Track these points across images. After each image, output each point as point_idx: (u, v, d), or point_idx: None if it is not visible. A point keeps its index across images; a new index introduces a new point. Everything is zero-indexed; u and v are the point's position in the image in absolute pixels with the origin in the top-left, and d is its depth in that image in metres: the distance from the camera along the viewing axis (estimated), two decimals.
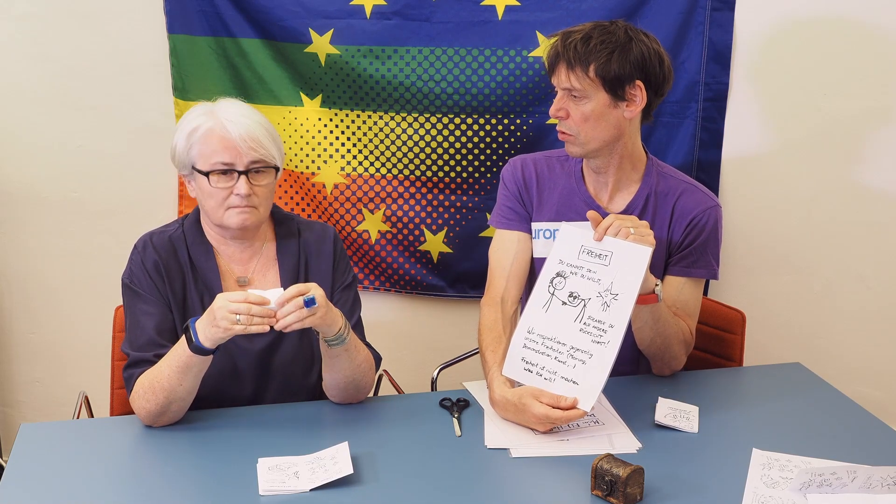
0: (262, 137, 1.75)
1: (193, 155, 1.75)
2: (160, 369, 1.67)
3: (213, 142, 1.73)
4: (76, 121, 2.66)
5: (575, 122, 1.87)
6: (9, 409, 2.94)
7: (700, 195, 2.00)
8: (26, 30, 2.58)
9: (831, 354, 2.76)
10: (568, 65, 1.83)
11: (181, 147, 1.77)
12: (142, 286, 1.78)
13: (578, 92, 1.84)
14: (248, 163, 1.74)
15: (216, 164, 1.73)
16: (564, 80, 1.85)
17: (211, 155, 1.73)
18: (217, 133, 1.73)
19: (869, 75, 2.54)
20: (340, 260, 1.92)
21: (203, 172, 1.74)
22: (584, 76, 1.83)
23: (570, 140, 1.90)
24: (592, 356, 1.69)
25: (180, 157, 1.78)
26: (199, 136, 1.74)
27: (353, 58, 2.55)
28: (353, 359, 1.76)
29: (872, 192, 2.64)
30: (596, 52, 1.81)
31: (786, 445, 1.66)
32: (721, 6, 2.48)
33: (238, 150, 1.73)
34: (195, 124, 1.75)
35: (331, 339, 1.69)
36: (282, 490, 1.50)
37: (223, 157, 1.73)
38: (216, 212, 1.77)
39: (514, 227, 2.04)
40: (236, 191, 1.74)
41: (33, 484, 1.54)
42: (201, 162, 1.74)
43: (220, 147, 1.73)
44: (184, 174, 1.81)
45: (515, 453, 1.64)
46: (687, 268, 1.98)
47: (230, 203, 1.75)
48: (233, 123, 1.74)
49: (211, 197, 1.75)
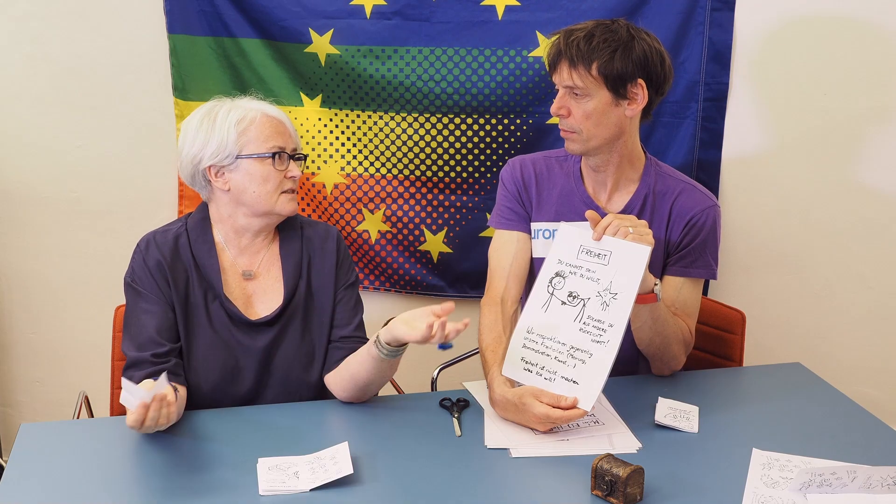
0: (294, 128, 1.88)
1: (245, 140, 1.78)
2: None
3: (267, 127, 1.79)
4: (76, 121, 2.66)
5: (576, 119, 1.87)
6: (9, 409, 2.94)
7: (698, 195, 2.00)
8: (26, 30, 2.58)
9: (831, 354, 2.76)
10: (570, 63, 1.84)
11: (229, 136, 1.77)
12: (143, 285, 1.79)
13: (580, 90, 1.85)
14: (293, 148, 1.84)
15: (274, 147, 1.79)
16: (566, 77, 1.85)
17: (267, 139, 1.78)
18: (270, 118, 1.81)
19: (869, 75, 2.54)
20: (344, 259, 1.93)
21: (264, 155, 1.77)
22: (586, 74, 1.83)
23: (572, 138, 1.91)
24: (592, 356, 1.69)
25: (227, 146, 1.76)
26: (252, 122, 1.78)
27: (353, 58, 2.55)
28: (394, 366, 1.81)
29: (872, 192, 2.64)
30: (599, 51, 1.82)
31: (786, 445, 1.66)
32: (721, 6, 2.48)
33: (290, 136, 1.84)
34: (243, 113, 1.79)
35: (394, 351, 1.74)
36: (282, 490, 1.50)
37: (279, 141, 1.80)
38: (270, 197, 1.80)
39: (514, 228, 2.04)
40: (290, 173, 1.81)
41: (33, 484, 1.54)
42: (255, 146, 1.78)
43: (276, 131, 1.80)
44: (222, 164, 1.77)
45: (515, 453, 1.64)
46: (685, 268, 1.98)
47: (283, 187, 1.81)
48: (278, 113, 1.83)
49: (266, 181, 1.79)
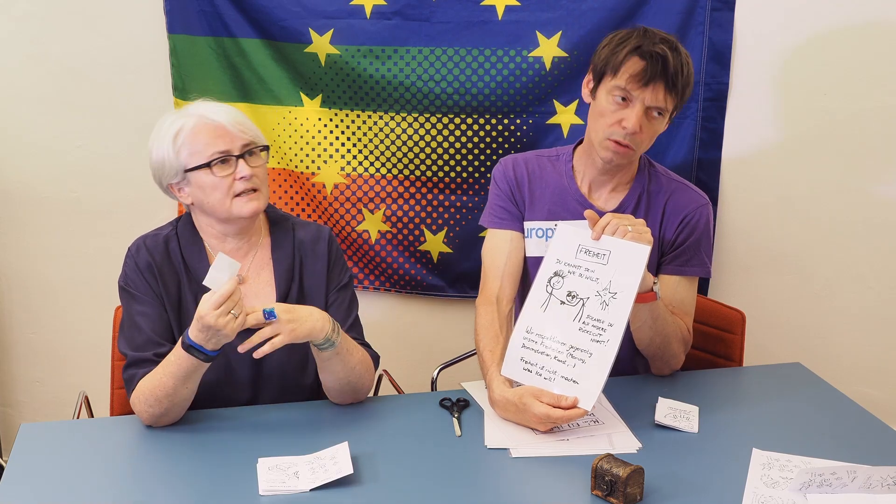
0: (246, 121, 1.77)
1: (184, 156, 1.73)
2: (160, 378, 1.66)
3: (203, 135, 1.72)
4: (76, 121, 2.66)
5: (644, 137, 1.88)
6: (9, 409, 2.94)
7: (691, 193, 2.00)
8: (26, 30, 2.58)
9: (831, 354, 2.76)
10: (670, 87, 1.84)
11: (168, 154, 1.74)
12: (137, 288, 1.78)
13: (662, 111, 1.87)
14: (241, 146, 1.74)
15: (213, 153, 1.71)
16: (661, 99, 1.84)
17: (205, 147, 1.72)
18: (205, 125, 1.72)
19: (869, 75, 2.54)
20: (336, 260, 1.91)
21: (202, 165, 1.72)
22: (672, 99, 1.86)
23: (627, 154, 1.90)
24: (592, 355, 1.69)
25: (169, 164, 1.74)
26: (185, 135, 1.72)
27: (353, 58, 2.55)
28: (345, 362, 1.75)
29: (872, 192, 2.64)
30: (690, 78, 1.88)
31: (786, 445, 1.66)
32: (721, 6, 2.47)
33: (231, 135, 1.73)
34: (177, 126, 1.73)
35: (319, 343, 1.69)
36: (282, 490, 1.50)
37: (218, 146, 1.72)
38: (223, 204, 1.75)
39: (507, 227, 2.04)
40: (239, 174, 1.73)
41: (33, 484, 1.54)
42: (195, 158, 1.72)
43: (213, 137, 1.72)
44: (175, 182, 1.77)
45: (515, 453, 1.64)
46: (681, 266, 1.98)
47: (235, 190, 1.74)
48: (215, 114, 1.74)
49: (215, 189, 1.73)
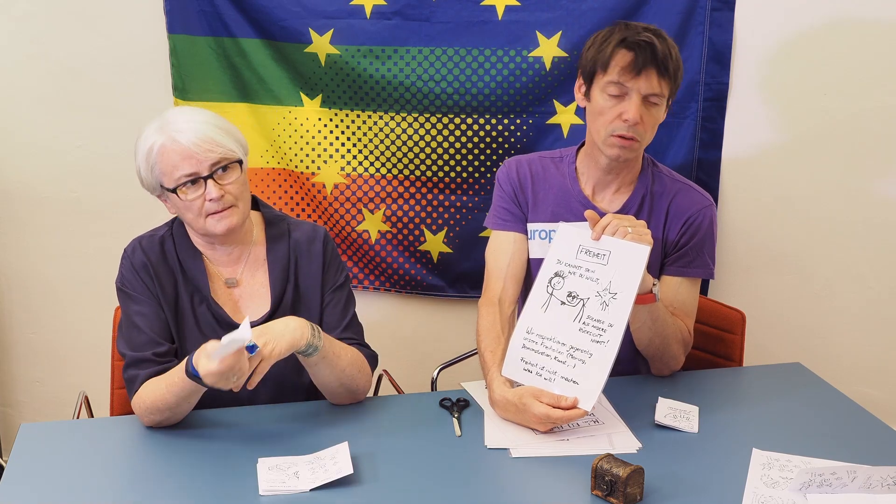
0: (215, 136, 1.72)
1: (157, 174, 1.73)
2: (162, 393, 1.66)
3: (170, 157, 1.70)
4: (76, 121, 2.66)
5: (646, 127, 1.88)
6: (9, 409, 2.94)
7: (695, 195, 2.00)
8: (26, 30, 2.58)
9: (831, 354, 2.76)
10: (661, 72, 1.84)
11: (144, 171, 1.75)
12: (133, 288, 1.79)
13: (659, 98, 1.87)
14: (209, 166, 1.71)
15: (180, 177, 1.70)
16: (655, 85, 1.85)
17: (172, 170, 1.71)
18: (170, 147, 1.70)
19: (869, 75, 2.54)
20: (332, 261, 1.90)
21: (171, 189, 1.72)
22: (669, 83, 1.87)
23: (633, 146, 1.89)
24: (592, 355, 1.69)
25: (147, 180, 1.76)
26: (155, 155, 1.71)
27: (353, 58, 2.55)
28: (334, 365, 1.74)
29: (872, 192, 2.64)
30: (680, 63, 1.89)
31: (786, 445, 1.66)
32: (721, 6, 2.48)
33: (196, 158, 1.69)
34: (149, 144, 1.72)
35: (302, 350, 1.68)
36: (282, 490, 1.50)
37: (184, 169, 1.70)
38: (197, 222, 1.76)
39: (510, 228, 2.04)
40: (208, 196, 1.71)
41: (33, 484, 1.54)
42: (166, 179, 1.72)
43: (178, 159, 1.70)
44: (157, 195, 1.79)
45: (515, 453, 1.64)
46: (683, 267, 1.98)
47: (207, 210, 1.73)
48: (181, 133, 1.70)
49: (188, 210, 1.74)
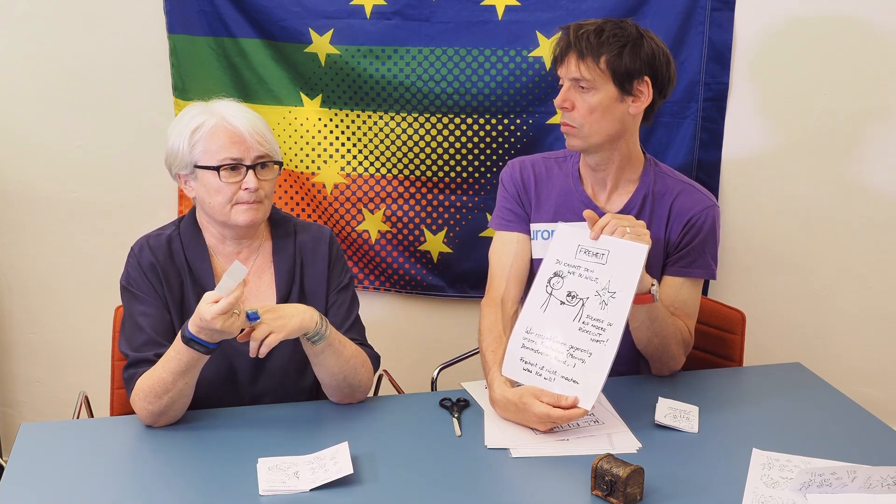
0: (266, 132, 1.78)
1: (198, 152, 1.74)
2: (158, 374, 1.66)
3: (220, 137, 1.73)
4: (76, 121, 2.66)
5: (580, 113, 1.86)
6: (9, 409, 2.94)
7: (698, 195, 2.00)
8: (26, 30, 2.58)
9: (831, 354, 2.76)
10: (579, 55, 1.83)
11: (182, 146, 1.75)
12: (139, 288, 1.78)
13: (587, 83, 1.84)
14: (255, 157, 1.75)
15: (225, 159, 1.73)
16: (574, 70, 1.84)
17: (219, 150, 1.73)
18: (224, 128, 1.74)
19: (869, 75, 2.54)
20: (336, 261, 1.91)
21: (212, 167, 1.73)
22: (594, 66, 1.83)
23: (573, 133, 1.89)
24: (592, 355, 1.69)
25: (182, 156, 1.76)
26: (204, 133, 1.74)
27: (353, 58, 2.55)
28: (339, 354, 1.75)
29: (872, 192, 2.64)
30: (608, 44, 1.82)
31: (786, 445, 1.66)
32: (721, 6, 2.48)
33: (247, 145, 1.74)
34: (198, 122, 1.75)
35: (310, 335, 1.70)
36: (282, 490, 1.50)
37: (231, 153, 1.73)
38: (223, 209, 1.76)
39: (514, 229, 2.04)
40: (245, 185, 1.74)
41: (33, 484, 1.54)
42: (207, 158, 1.73)
43: (229, 142, 1.73)
44: (183, 173, 1.79)
45: (515, 453, 1.64)
46: (685, 268, 1.98)
47: (238, 199, 1.75)
48: (237, 119, 1.75)
49: (218, 193, 1.75)
